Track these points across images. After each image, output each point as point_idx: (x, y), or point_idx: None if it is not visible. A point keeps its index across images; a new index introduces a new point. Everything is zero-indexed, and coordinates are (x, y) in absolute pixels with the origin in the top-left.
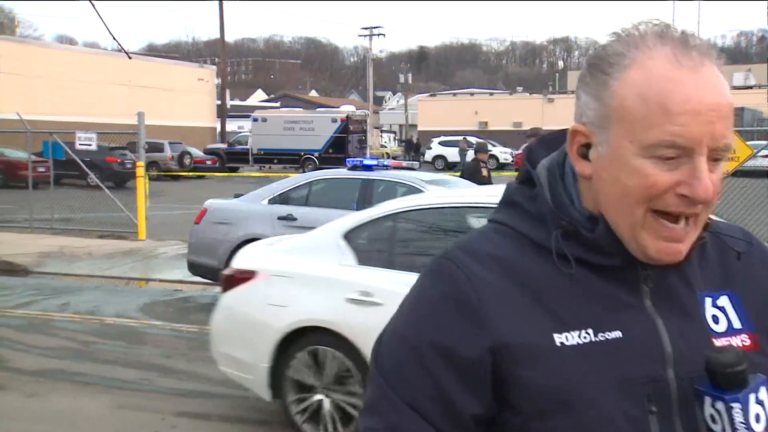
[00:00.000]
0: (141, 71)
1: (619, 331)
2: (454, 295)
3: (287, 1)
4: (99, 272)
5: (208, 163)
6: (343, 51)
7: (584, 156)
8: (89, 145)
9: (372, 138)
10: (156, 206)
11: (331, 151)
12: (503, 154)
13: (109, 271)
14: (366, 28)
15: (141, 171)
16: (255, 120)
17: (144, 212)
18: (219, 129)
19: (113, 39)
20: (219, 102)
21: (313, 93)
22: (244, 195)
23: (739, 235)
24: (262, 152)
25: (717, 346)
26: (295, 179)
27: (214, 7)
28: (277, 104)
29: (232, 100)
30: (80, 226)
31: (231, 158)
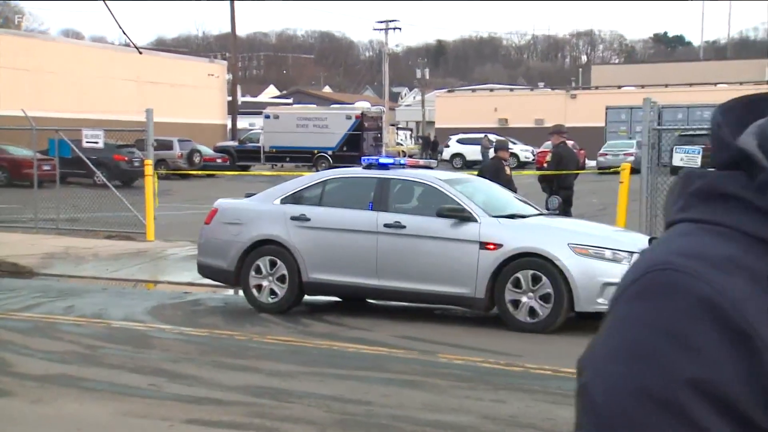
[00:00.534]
0: (150, 66)
1: None
2: (710, 316)
3: None
4: (106, 274)
5: (219, 161)
6: (358, 45)
7: None
8: (96, 142)
9: (388, 135)
10: (164, 206)
11: (345, 149)
12: (524, 152)
13: (116, 273)
14: (382, 22)
15: (149, 169)
16: (267, 117)
17: (152, 212)
18: (230, 126)
19: (123, 34)
20: (230, 98)
21: (327, 89)
22: (255, 194)
23: None
24: (274, 150)
25: None
26: (308, 178)
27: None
28: (290, 100)
29: (243, 96)
30: (86, 227)
31: (242, 156)
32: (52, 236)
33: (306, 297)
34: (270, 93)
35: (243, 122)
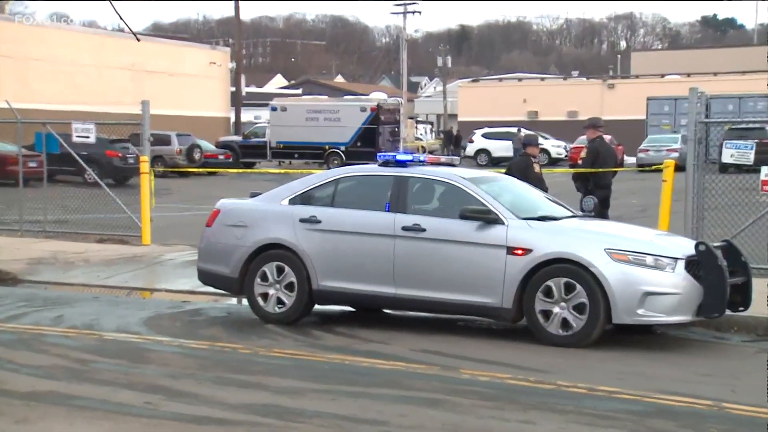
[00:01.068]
0: (146, 54)
1: None
2: None
3: None
4: (97, 281)
5: (221, 157)
6: (374, 31)
7: None
8: (87, 137)
9: (406, 129)
10: (162, 206)
11: (359, 144)
12: (556, 148)
13: (108, 279)
14: (399, 5)
15: (145, 167)
16: (274, 109)
17: (148, 213)
18: (233, 119)
19: (119, 18)
20: (233, 89)
21: (340, 78)
22: (261, 194)
23: None
24: (282, 146)
25: None
26: (318, 176)
27: None
28: (299, 91)
29: (247, 86)
30: (76, 229)
31: (246, 152)
32: (38, 240)
33: (316, 306)
34: (277, 83)
35: (247, 115)
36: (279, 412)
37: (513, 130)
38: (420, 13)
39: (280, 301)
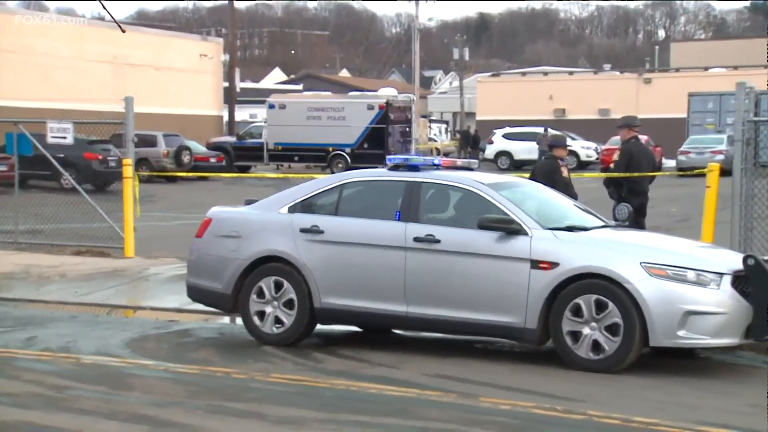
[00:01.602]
0: (129, 45)
1: None
2: None
3: None
4: (74, 298)
5: (213, 160)
6: (383, 20)
7: None
8: (63, 137)
9: (418, 129)
10: (147, 215)
11: (366, 146)
12: (585, 149)
13: (87, 296)
14: None
15: (128, 170)
16: (271, 107)
17: (131, 222)
18: (226, 118)
19: (102, 7)
20: (226, 84)
21: (345, 73)
22: (257, 201)
23: None
24: (280, 147)
25: None
26: (321, 182)
27: None
28: (299, 87)
29: (242, 81)
30: (51, 240)
31: (241, 155)
32: (9, 252)
33: (318, 326)
34: (275, 78)
35: (242, 113)
36: None
37: (538, 130)
38: None
39: (278, 320)
